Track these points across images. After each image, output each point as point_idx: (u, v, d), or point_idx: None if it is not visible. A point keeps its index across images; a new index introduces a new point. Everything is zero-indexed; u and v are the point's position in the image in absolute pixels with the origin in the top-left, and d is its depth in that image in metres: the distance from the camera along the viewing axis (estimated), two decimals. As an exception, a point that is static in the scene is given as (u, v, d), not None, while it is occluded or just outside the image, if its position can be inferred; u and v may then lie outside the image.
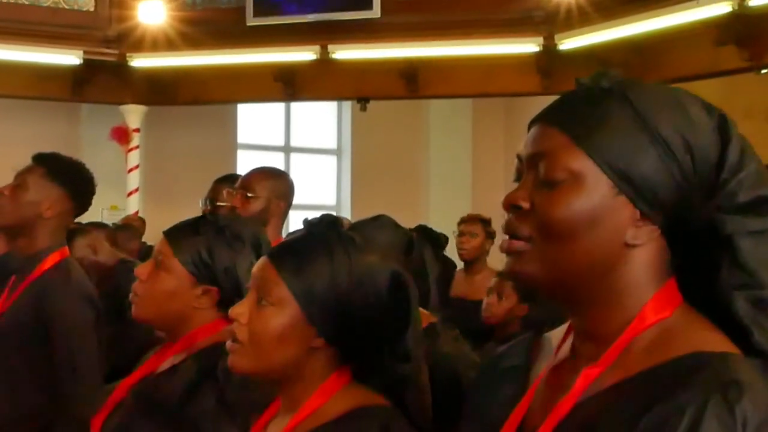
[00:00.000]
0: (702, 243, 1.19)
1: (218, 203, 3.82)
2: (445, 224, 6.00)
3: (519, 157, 1.24)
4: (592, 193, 1.17)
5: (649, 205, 1.17)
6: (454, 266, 6.31)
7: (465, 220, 5.82)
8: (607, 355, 1.17)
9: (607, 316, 1.20)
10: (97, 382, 3.02)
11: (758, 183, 1.20)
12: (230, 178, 4.24)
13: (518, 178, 1.24)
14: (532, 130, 1.24)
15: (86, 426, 2.87)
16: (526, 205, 1.20)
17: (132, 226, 7.25)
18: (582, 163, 1.17)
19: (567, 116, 1.21)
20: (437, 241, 4.52)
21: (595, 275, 1.18)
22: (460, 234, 5.73)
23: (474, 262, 5.67)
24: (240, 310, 1.68)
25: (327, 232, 1.71)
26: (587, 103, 1.21)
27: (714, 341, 1.15)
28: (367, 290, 1.66)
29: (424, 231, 3.54)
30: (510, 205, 1.21)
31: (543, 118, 1.23)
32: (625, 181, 1.17)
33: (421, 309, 2.79)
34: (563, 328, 1.31)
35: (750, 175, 1.19)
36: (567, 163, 1.18)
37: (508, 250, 1.21)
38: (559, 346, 1.28)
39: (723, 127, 1.20)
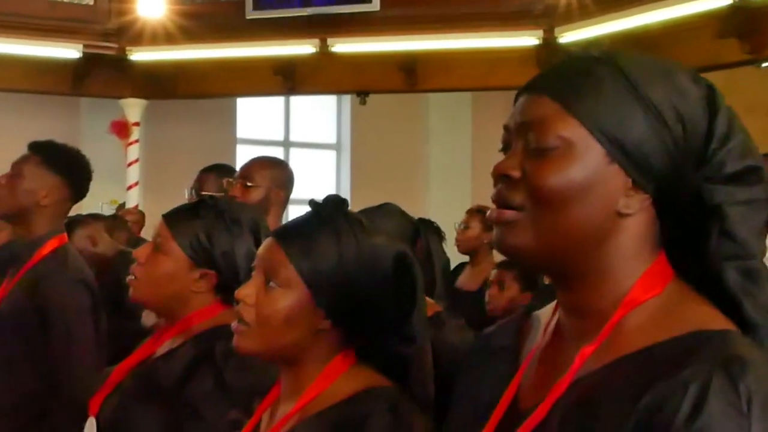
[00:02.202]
0: (691, 214, 1.18)
1: (203, 192, 3.81)
2: (445, 218, 6.00)
3: (506, 127, 1.22)
4: (585, 160, 1.15)
5: (642, 173, 1.16)
6: (447, 260, 6.29)
7: (467, 213, 5.81)
8: (602, 333, 1.15)
9: (597, 290, 1.18)
10: (93, 366, 3.02)
11: (746, 153, 1.19)
12: (216, 168, 4.24)
13: (505, 148, 1.22)
14: (520, 99, 1.21)
15: (84, 410, 2.89)
16: (516, 173, 1.17)
17: (121, 218, 7.24)
18: (574, 131, 1.15)
19: (557, 84, 1.19)
20: (439, 232, 4.54)
21: (587, 245, 1.17)
22: (459, 226, 5.71)
23: (474, 253, 5.64)
24: (247, 291, 1.67)
25: (333, 214, 1.70)
26: (578, 71, 1.19)
27: (712, 318, 1.14)
28: (374, 271, 1.65)
29: (425, 223, 3.55)
30: (500, 175, 1.19)
31: (532, 88, 1.21)
32: (618, 149, 1.15)
33: (426, 298, 2.81)
34: (551, 306, 1.29)
35: (738, 146, 1.18)
36: (558, 130, 1.16)
37: (497, 220, 1.19)
38: (548, 325, 1.27)
39: (711, 97, 1.19)
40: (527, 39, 8.45)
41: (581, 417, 1.11)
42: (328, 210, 1.71)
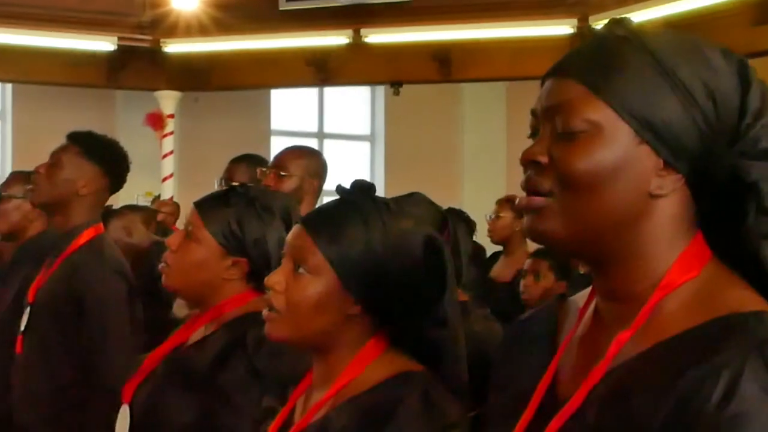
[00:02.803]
0: (726, 193, 1.15)
1: (233, 183, 3.83)
2: (479, 209, 5.99)
3: (533, 112, 1.21)
4: (614, 142, 1.13)
5: (673, 152, 1.14)
6: (483, 250, 6.28)
7: (497, 203, 5.80)
8: (638, 317, 1.14)
9: (633, 274, 1.16)
10: (127, 355, 3.04)
11: None
12: (246, 158, 4.25)
13: (533, 134, 1.20)
14: (547, 83, 1.20)
15: (117, 397, 2.91)
16: (544, 159, 1.16)
17: (156, 209, 7.28)
18: (601, 113, 1.14)
19: (583, 66, 1.17)
20: (469, 222, 4.53)
21: (620, 229, 1.15)
22: (490, 217, 5.70)
23: (507, 243, 5.62)
24: (276, 278, 1.67)
25: (361, 198, 1.70)
26: (603, 52, 1.17)
27: (748, 300, 1.11)
28: (403, 255, 1.65)
29: (454, 213, 3.55)
30: (528, 161, 1.18)
31: (557, 71, 1.19)
32: (648, 129, 1.13)
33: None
34: (587, 291, 1.27)
35: None
36: (586, 113, 1.14)
37: (527, 207, 1.17)
38: (583, 310, 1.25)
39: (743, 72, 1.17)
40: (561, 27, 8.40)
41: (617, 405, 1.10)
42: (356, 195, 1.70)
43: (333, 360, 1.67)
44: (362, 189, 1.72)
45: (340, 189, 1.74)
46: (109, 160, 3.36)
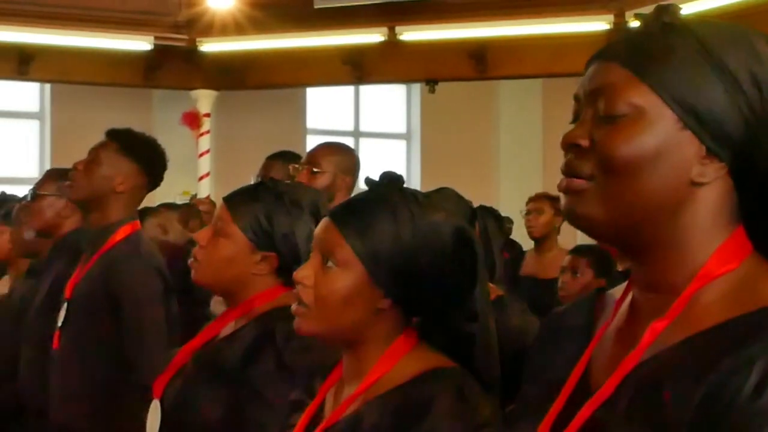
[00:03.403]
0: None
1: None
2: (515, 207, 5.96)
3: (576, 97, 1.19)
4: (656, 127, 1.12)
5: (716, 140, 1.12)
6: (520, 247, 6.25)
7: (532, 199, 5.78)
8: (674, 307, 1.12)
9: (671, 263, 1.15)
10: (163, 352, 3.05)
11: None
12: (282, 155, 4.26)
13: (576, 119, 1.19)
14: (591, 68, 1.19)
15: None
16: (585, 142, 1.15)
17: (194, 207, 7.32)
18: (645, 98, 1.13)
19: (628, 51, 1.16)
20: (499, 218, 4.50)
21: (660, 215, 1.13)
22: (528, 213, 5.68)
23: (543, 239, 5.61)
24: (305, 272, 1.66)
25: (389, 191, 1.68)
26: (649, 38, 1.16)
27: None
28: (433, 247, 1.63)
29: (484, 209, 3.54)
30: (568, 144, 1.16)
31: (602, 55, 1.18)
32: (691, 115, 1.12)
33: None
34: (624, 284, 1.26)
35: None
36: (629, 97, 1.13)
37: (567, 189, 1.16)
38: (620, 301, 1.24)
39: None
40: (598, 23, 8.36)
41: (649, 394, 1.09)
42: (384, 188, 1.69)
43: (363, 355, 1.65)
44: (390, 181, 1.70)
45: (368, 181, 1.72)
46: (147, 158, 3.38)
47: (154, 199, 6.25)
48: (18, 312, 3.60)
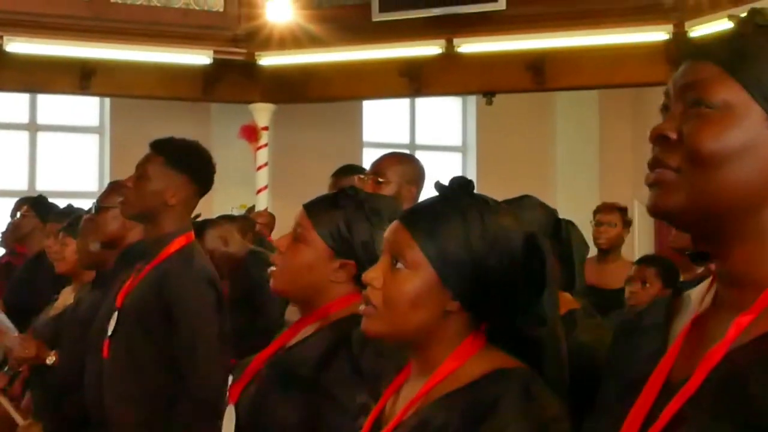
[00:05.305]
0: None
1: None
2: (573, 219, 5.89)
3: (666, 92, 1.22)
4: (744, 123, 1.14)
5: None
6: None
7: (602, 210, 5.77)
8: (759, 301, 1.13)
9: (755, 257, 1.16)
10: (216, 363, 3.06)
11: None
12: (347, 170, 4.26)
13: (664, 114, 1.22)
14: (683, 66, 1.22)
15: (206, 405, 2.91)
16: (673, 135, 1.17)
17: (251, 219, 7.36)
18: (734, 94, 1.15)
19: (721, 50, 1.19)
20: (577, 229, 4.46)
21: (744, 210, 1.15)
22: (598, 224, 5.69)
23: (610, 251, 5.63)
24: (374, 274, 1.67)
25: (459, 194, 1.69)
26: (741, 38, 1.19)
27: None
28: (502, 252, 1.63)
29: (568, 222, 3.50)
30: (657, 137, 1.19)
31: (694, 54, 1.21)
32: None
33: (564, 293, 2.75)
34: (705, 283, 1.27)
35: None
36: (720, 92, 1.16)
37: (654, 181, 1.18)
38: (703, 297, 1.25)
39: None
40: (657, 34, 8.29)
41: (735, 388, 1.09)
42: (454, 192, 1.70)
43: (430, 357, 1.66)
44: (461, 185, 1.71)
45: (438, 185, 1.73)
46: (195, 167, 3.38)
47: (211, 212, 6.29)
48: (84, 323, 3.64)
